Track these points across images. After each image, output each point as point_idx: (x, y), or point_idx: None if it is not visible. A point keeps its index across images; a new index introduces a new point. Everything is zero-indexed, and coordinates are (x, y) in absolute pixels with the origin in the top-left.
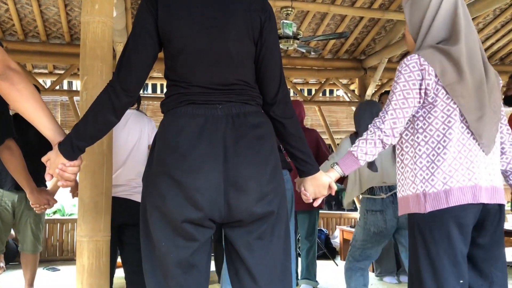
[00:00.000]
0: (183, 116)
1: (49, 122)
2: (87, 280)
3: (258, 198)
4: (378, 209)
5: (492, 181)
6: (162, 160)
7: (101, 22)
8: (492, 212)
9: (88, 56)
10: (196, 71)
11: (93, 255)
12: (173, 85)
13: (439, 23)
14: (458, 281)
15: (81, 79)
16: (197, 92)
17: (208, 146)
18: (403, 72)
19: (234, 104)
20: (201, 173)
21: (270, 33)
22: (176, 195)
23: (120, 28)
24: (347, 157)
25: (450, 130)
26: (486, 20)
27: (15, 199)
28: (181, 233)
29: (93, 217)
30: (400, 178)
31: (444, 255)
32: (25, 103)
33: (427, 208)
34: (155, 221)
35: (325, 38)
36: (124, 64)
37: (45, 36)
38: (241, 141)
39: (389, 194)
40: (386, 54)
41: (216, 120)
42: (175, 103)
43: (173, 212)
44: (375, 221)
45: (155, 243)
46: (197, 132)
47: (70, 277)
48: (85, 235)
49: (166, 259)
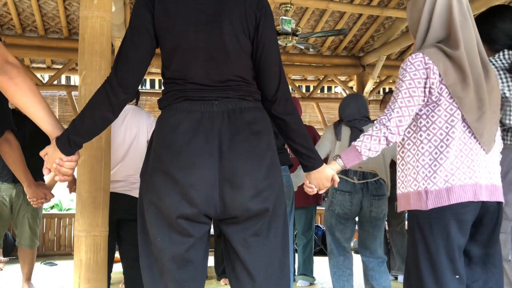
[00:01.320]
0: (179, 112)
1: (47, 116)
2: (84, 275)
3: (253, 194)
4: (347, 190)
5: (492, 179)
6: (158, 156)
7: (99, 17)
8: (491, 210)
9: (86, 51)
10: (191, 68)
11: (91, 249)
12: (170, 82)
13: (437, 22)
14: (455, 276)
15: (79, 74)
16: (193, 88)
17: (204, 141)
18: (408, 70)
19: (230, 100)
20: (196, 169)
21: (266, 30)
22: (171, 191)
23: (119, 23)
24: (350, 150)
25: (453, 129)
26: None
27: (13, 194)
28: (177, 228)
29: (91, 212)
30: (400, 175)
31: (443, 251)
32: (23, 97)
33: (429, 205)
34: (151, 217)
35: (324, 34)
36: (121, 60)
37: (43, 30)
38: (237, 137)
39: (362, 182)
40: (384, 51)
41: (212, 116)
42: (171, 100)
43: (168, 208)
44: (342, 201)
45: (151, 238)
46: (193, 128)
47: (68, 272)
48: (83, 230)
49: (161, 254)
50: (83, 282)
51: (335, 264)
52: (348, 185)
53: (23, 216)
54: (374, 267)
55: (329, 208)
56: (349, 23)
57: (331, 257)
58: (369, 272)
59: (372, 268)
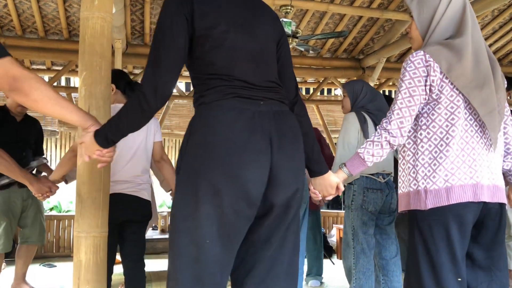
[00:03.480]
0: (231, 109)
1: (75, 115)
2: (84, 276)
3: (292, 194)
4: (379, 188)
5: (494, 179)
6: (214, 153)
7: (100, 18)
8: (493, 212)
9: (87, 51)
10: (237, 66)
11: (90, 250)
12: (214, 78)
13: (446, 21)
14: (457, 279)
15: (79, 75)
16: (242, 86)
17: (260, 140)
18: (408, 69)
19: (273, 102)
20: (256, 168)
21: (286, 38)
22: (231, 190)
23: (119, 25)
24: (354, 158)
25: (453, 128)
26: (485, 21)
27: (23, 195)
28: (230, 229)
29: (90, 213)
30: (401, 175)
31: (443, 253)
32: (45, 110)
33: (428, 205)
34: (203, 217)
35: (324, 37)
36: (156, 70)
37: (43, 32)
38: (283, 138)
39: (385, 180)
40: (384, 54)
41: (262, 115)
42: (220, 95)
43: (228, 207)
44: (375, 198)
45: (197, 238)
46: (248, 126)
47: (67, 274)
48: (83, 231)
49: (206, 257)
50: (82, 283)
51: (365, 264)
52: (378, 183)
53: (35, 213)
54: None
55: (362, 207)
56: (349, 25)
57: (362, 256)
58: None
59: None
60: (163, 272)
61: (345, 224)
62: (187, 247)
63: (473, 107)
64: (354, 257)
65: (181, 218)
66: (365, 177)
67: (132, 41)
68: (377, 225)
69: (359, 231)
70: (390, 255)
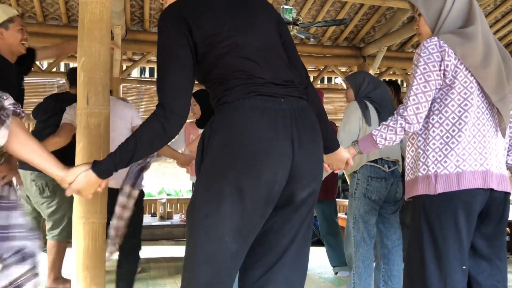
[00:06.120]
0: (254, 109)
1: (54, 166)
2: (83, 262)
3: (310, 192)
4: (383, 176)
5: (501, 168)
6: (238, 153)
7: (99, 3)
8: (497, 201)
9: (86, 37)
10: (251, 65)
11: (89, 236)
12: (232, 78)
13: (455, 13)
14: (461, 267)
15: (78, 60)
16: (263, 83)
17: (284, 140)
18: (422, 54)
19: (293, 99)
20: (279, 169)
21: (281, 18)
22: (254, 189)
23: (118, 10)
24: (367, 138)
25: (466, 113)
26: (487, 10)
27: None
28: (249, 226)
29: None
30: (409, 162)
31: (450, 241)
32: (31, 154)
33: (438, 189)
34: (225, 215)
35: (325, 24)
36: (169, 92)
37: (42, 17)
38: (304, 137)
39: (390, 170)
40: (385, 43)
41: (284, 114)
42: (241, 94)
43: (249, 206)
44: (379, 187)
45: (217, 235)
46: (272, 126)
47: (66, 260)
48: (82, 217)
49: (224, 253)
50: (81, 269)
51: (364, 253)
52: (382, 172)
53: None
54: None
55: (365, 196)
56: (350, 13)
57: (362, 245)
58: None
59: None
60: (161, 258)
61: (348, 213)
62: (206, 244)
63: (486, 94)
64: (354, 246)
65: (203, 215)
66: (369, 165)
67: (131, 27)
68: (381, 214)
69: (360, 220)
70: (392, 244)
